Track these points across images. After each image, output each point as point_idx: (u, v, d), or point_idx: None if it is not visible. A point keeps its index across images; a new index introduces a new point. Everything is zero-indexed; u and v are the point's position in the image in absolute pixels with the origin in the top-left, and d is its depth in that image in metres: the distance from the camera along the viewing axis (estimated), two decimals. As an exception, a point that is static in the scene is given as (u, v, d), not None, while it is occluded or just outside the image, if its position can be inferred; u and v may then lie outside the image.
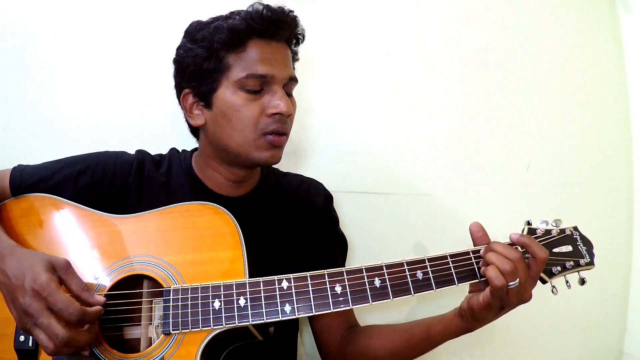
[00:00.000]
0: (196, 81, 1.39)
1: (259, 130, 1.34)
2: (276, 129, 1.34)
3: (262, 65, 1.32)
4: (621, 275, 2.18)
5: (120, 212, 1.35)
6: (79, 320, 1.05)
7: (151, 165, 1.51)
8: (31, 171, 1.42)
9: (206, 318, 1.15)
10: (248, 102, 1.33)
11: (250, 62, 1.33)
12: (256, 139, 1.35)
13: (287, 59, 1.40)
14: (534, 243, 1.21)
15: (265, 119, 1.34)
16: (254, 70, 1.32)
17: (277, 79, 1.34)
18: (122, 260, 1.25)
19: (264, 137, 1.34)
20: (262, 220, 1.50)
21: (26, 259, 1.11)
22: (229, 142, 1.37)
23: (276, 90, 1.34)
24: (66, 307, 1.04)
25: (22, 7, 1.86)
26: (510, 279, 1.15)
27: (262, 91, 1.34)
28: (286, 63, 1.38)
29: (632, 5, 2.13)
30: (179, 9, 1.91)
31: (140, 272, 1.23)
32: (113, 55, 1.89)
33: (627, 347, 2.17)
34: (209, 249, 1.25)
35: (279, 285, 1.17)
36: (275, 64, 1.34)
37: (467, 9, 2.09)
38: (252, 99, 1.33)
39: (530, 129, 2.12)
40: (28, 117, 1.86)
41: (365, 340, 1.47)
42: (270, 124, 1.34)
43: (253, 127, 1.34)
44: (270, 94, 1.34)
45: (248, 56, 1.33)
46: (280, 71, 1.34)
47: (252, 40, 1.34)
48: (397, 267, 1.18)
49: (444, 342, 1.35)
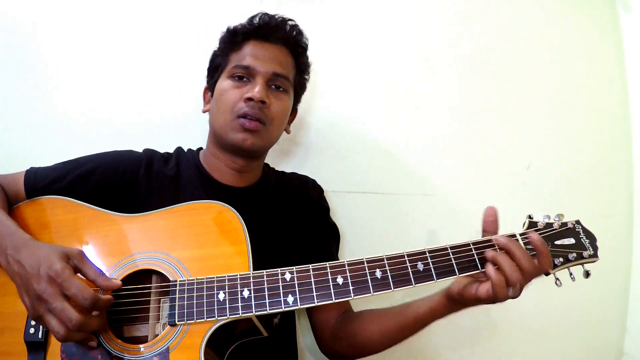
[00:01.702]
0: (210, 75, 1.64)
1: (234, 113, 1.48)
2: (248, 112, 1.47)
3: (248, 58, 1.52)
4: (621, 275, 2.18)
5: (131, 207, 1.40)
6: (92, 304, 1.08)
7: (160, 161, 1.58)
8: (44, 173, 1.46)
9: (211, 309, 1.17)
10: (232, 88, 1.51)
11: (241, 56, 1.53)
12: (232, 120, 1.49)
13: (278, 58, 1.55)
14: (547, 256, 1.22)
15: (241, 103, 1.48)
16: (241, 62, 1.52)
17: (259, 71, 1.50)
18: (130, 256, 1.28)
19: (238, 120, 1.48)
20: (264, 211, 1.57)
21: (41, 250, 1.14)
22: (215, 124, 1.54)
23: (257, 81, 1.49)
24: (81, 291, 1.07)
25: (22, 7, 1.87)
26: (512, 287, 1.18)
27: (247, 81, 1.51)
28: (275, 60, 1.53)
29: (632, 5, 2.14)
30: (179, 9, 1.93)
31: (148, 267, 1.26)
32: (113, 55, 1.91)
33: (627, 347, 2.17)
34: (215, 245, 1.28)
35: (282, 276, 1.19)
36: (261, 58, 1.52)
37: (467, 9, 2.10)
38: (236, 86, 1.50)
39: (531, 129, 2.13)
40: (28, 117, 1.87)
41: (358, 324, 1.52)
42: (244, 107, 1.47)
43: (230, 109, 1.49)
44: (252, 84, 1.50)
45: (242, 52, 1.54)
46: (264, 65, 1.51)
47: (249, 41, 1.55)
48: (398, 259, 1.20)
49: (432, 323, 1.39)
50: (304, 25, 1.62)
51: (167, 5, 1.94)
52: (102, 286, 1.15)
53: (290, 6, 1.95)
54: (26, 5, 1.87)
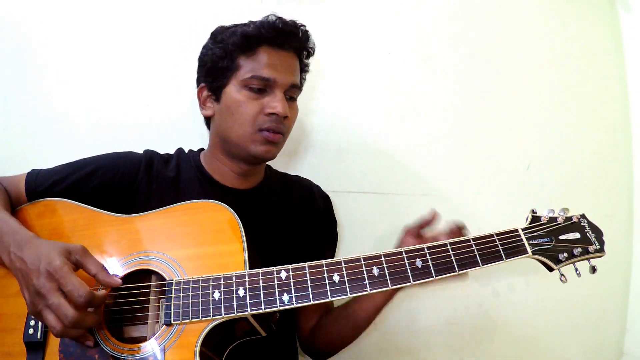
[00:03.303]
0: (211, 77, 1.53)
1: (256, 126, 1.46)
2: (271, 127, 1.46)
3: (267, 69, 1.45)
4: (621, 275, 2.18)
5: (131, 207, 1.40)
6: (86, 302, 1.08)
7: (160, 163, 1.57)
8: (45, 175, 1.47)
9: (206, 308, 1.17)
10: (250, 100, 1.46)
11: (257, 65, 1.46)
12: (253, 134, 1.46)
13: (293, 67, 1.53)
14: None
15: (263, 117, 1.46)
16: (259, 73, 1.45)
17: (279, 83, 1.46)
18: (127, 256, 1.28)
19: (260, 133, 1.46)
20: (265, 214, 1.58)
21: (43, 247, 1.15)
22: (230, 134, 1.49)
23: (277, 94, 1.46)
24: (76, 288, 1.08)
25: (22, 7, 1.87)
26: None
27: (264, 92, 1.47)
28: (291, 71, 1.51)
29: (632, 5, 2.14)
30: (179, 9, 1.93)
31: (144, 267, 1.26)
32: (112, 55, 1.91)
33: (627, 347, 2.16)
34: (211, 244, 1.28)
35: (277, 275, 1.19)
36: (279, 69, 1.47)
37: (467, 9, 2.10)
38: (254, 97, 1.46)
39: (531, 128, 2.13)
40: (28, 117, 1.87)
41: (323, 325, 1.61)
42: (267, 121, 1.45)
43: (251, 122, 1.46)
44: (271, 95, 1.46)
45: (256, 60, 1.47)
46: (283, 77, 1.47)
47: (263, 46, 1.47)
48: (396, 256, 1.20)
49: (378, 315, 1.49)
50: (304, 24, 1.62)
51: (167, 5, 1.94)
52: (102, 282, 1.15)
53: (290, 6, 1.95)
54: (26, 5, 1.87)
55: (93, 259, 1.17)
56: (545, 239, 1.23)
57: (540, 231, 1.24)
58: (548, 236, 1.24)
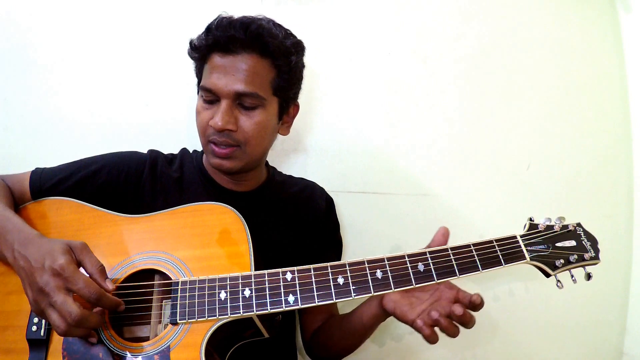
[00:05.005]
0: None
1: (206, 137, 1.43)
2: (214, 140, 1.40)
3: (210, 79, 1.38)
4: (621, 275, 2.18)
5: (136, 207, 1.41)
6: (97, 300, 1.09)
7: (164, 163, 1.57)
8: (50, 174, 1.46)
9: (212, 308, 1.18)
10: (203, 110, 1.42)
11: (206, 74, 1.41)
12: (205, 145, 1.45)
13: (244, 71, 1.36)
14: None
15: (210, 127, 1.40)
16: (204, 83, 1.40)
17: (222, 93, 1.37)
18: (133, 256, 1.29)
19: (209, 145, 1.43)
20: (266, 216, 1.57)
21: (46, 245, 1.15)
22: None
23: (221, 104, 1.38)
24: (87, 286, 1.08)
25: (23, 7, 1.87)
26: None
27: (217, 102, 1.39)
28: (237, 77, 1.36)
29: (632, 5, 2.14)
30: (179, 9, 1.93)
31: (150, 267, 1.27)
32: (113, 55, 1.92)
33: (627, 347, 2.17)
34: (217, 245, 1.29)
35: (283, 276, 1.20)
36: (224, 77, 1.36)
37: (467, 9, 2.10)
38: (206, 107, 1.42)
39: (531, 128, 2.13)
40: (28, 117, 1.87)
41: (326, 328, 1.60)
42: (212, 134, 1.40)
43: (202, 133, 1.44)
44: (217, 105, 1.39)
45: (207, 68, 1.41)
46: (227, 85, 1.36)
47: (212, 53, 1.40)
48: (399, 259, 1.22)
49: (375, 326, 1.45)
50: (304, 25, 1.61)
51: (167, 5, 1.94)
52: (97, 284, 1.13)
53: (290, 6, 1.95)
54: (26, 5, 1.87)
55: (92, 258, 1.16)
56: (543, 245, 1.27)
57: (538, 238, 1.28)
58: (545, 243, 1.27)
